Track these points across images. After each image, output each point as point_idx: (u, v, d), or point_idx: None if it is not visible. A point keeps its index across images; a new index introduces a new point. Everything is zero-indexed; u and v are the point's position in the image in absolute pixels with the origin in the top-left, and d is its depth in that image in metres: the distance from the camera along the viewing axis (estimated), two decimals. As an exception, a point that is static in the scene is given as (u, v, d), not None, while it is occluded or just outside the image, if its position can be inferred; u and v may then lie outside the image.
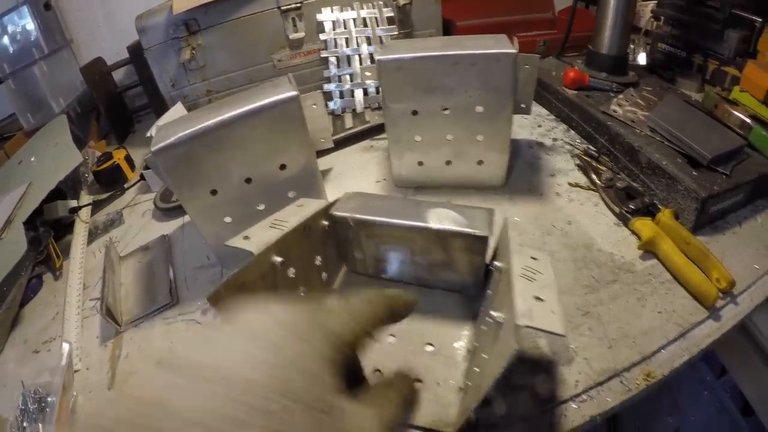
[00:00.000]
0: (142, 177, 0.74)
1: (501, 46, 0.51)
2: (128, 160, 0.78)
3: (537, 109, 0.80)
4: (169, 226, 0.67)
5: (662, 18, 0.95)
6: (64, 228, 0.71)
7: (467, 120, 0.55)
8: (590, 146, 0.70)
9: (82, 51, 0.93)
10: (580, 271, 0.51)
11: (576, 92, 0.74)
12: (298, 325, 0.20)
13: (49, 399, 0.46)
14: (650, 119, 0.65)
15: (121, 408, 0.16)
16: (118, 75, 0.91)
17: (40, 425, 0.45)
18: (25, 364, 0.53)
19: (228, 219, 0.52)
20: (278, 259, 0.38)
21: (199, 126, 0.46)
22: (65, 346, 0.52)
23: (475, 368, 0.39)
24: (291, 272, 0.41)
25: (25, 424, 0.45)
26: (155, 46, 0.73)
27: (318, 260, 0.46)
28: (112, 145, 0.87)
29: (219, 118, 0.46)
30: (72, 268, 0.64)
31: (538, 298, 0.30)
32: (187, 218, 0.67)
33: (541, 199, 0.60)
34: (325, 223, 0.46)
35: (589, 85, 0.74)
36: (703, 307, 0.47)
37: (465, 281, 0.46)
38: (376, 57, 0.52)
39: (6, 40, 0.83)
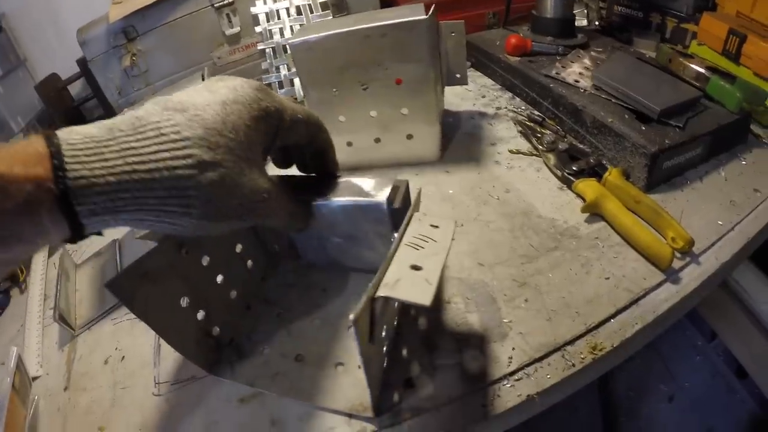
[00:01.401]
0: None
1: (413, 14, 0.48)
2: None
3: (482, 80, 0.77)
4: (121, 231, 0.66)
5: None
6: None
7: (388, 94, 0.52)
8: (534, 112, 0.66)
9: (38, 68, 0.93)
10: (517, 240, 0.47)
11: (519, 59, 0.71)
12: (244, 94, 0.29)
13: (-5, 404, 0.47)
14: (595, 77, 0.61)
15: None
16: (74, 89, 0.91)
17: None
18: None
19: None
20: (183, 250, 0.36)
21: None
22: (12, 350, 0.53)
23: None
24: (205, 260, 0.41)
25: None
26: (98, 56, 0.72)
27: (239, 248, 0.45)
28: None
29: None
30: (33, 280, 0.64)
31: (415, 267, 0.29)
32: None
33: (478, 168, 0.57)
34: None
35: (533, 50, 0.71)
36: (658, 269, 0.43)
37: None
38: (288, 42, 0.50)
39: None
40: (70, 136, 0.24)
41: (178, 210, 0.25)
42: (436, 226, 0.34)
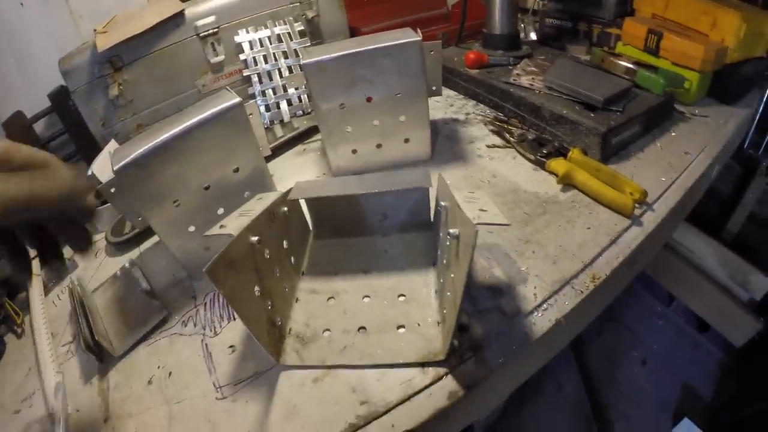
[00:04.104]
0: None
1: (407, 36, 0.62)
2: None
3: (447, 92, 0.93)
4: (126, 258, 0.70)
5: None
6: (14, 286, 0.74)
7: (389, 105, 0.65)
8: (498, 113, 0.83)
9: (0, 107, 0.96)
10: (512, 210, 0.62)
11: (478, 71, 0.88)
12: None
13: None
14: (546, 80, 0.79)
15: None
16: (39, 127, 0.95)
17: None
18: (10, 428, 0.52)
19: (192, 228, 0.58)
20: (255, 238, 0.44)
21: (156, 141, 0.52)
22: (55, 382, 0.53)
23: (447, 293, 0.45)
24: (266, 253, 0.48)
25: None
26: (82, 86, 0.78)
27: (285, 244, 0.53)
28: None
29: (173, 131, 0.52)
30: (36, 320, 0.65)
31: (482, 210, 0.40)
32: (144, 246, 0.71)
33: (465, 162, 0.72)
34: (285, 209, 0.54)
35: (489, 62, 0.88)
36: (624, 217, 0.59)
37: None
38: (301, 62, 0.61)
39: None
40: None
41: None
42: (473, 192, 0.47)
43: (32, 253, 0.42)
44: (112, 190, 0.55)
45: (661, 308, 1.28)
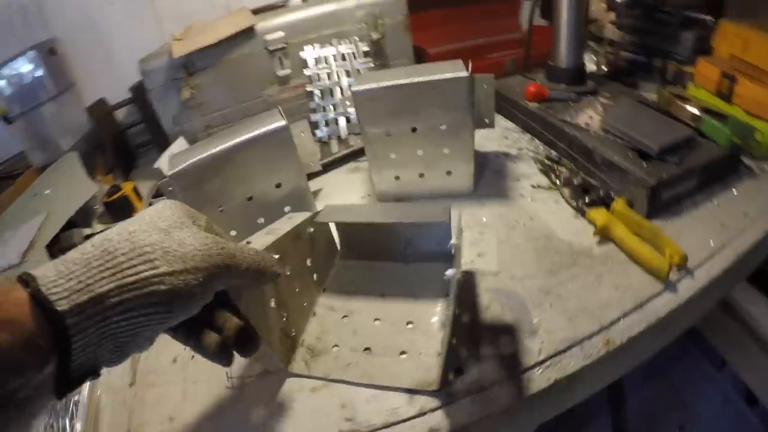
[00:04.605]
0: (149, 206, 0.88)
1: (456, 70, 0.63)
2: (135, 191, 0.91)
3: (504, 123, 0.93)
4: None
5: (622, 27, 1.12)
6: None
7: (433, 136, 0.67)
8: (552, 151, 0.82)
9: (86, 92, 1.07)
10: (541, 258, 0.61)
11: (538, 104, 0.87)
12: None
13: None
14: (604, 121, 0.76)
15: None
16: (120, 114, 1.07)
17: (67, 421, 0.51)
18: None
19: (233, 233, 0.63)
20: (276, 256, 0.48)
21: (207, 153, 0.59)
22: None
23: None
24: (287, 270, 0.52)
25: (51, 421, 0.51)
26: (157, 86, 0.86)
27: (308, 262, 0.57)
28: (117, 179, 1.01)
29: (223, 146, 0.59)
30: None
31: (480, 254, 0.44)
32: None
33: (506, 200, 0.72)
34: (311, 230, 0.58)
35: (549, 96, 0.87)
36: (658, 281, 0.56)
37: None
38: (351, 89, 0.64)
39: (15, 82, 0.96)
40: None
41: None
42: (482, 233, 0.49)
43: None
44: (170, 189, 0.61)
45: (712, 371, 1.20)
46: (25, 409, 0.27)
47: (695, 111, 0.75)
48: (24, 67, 0.97)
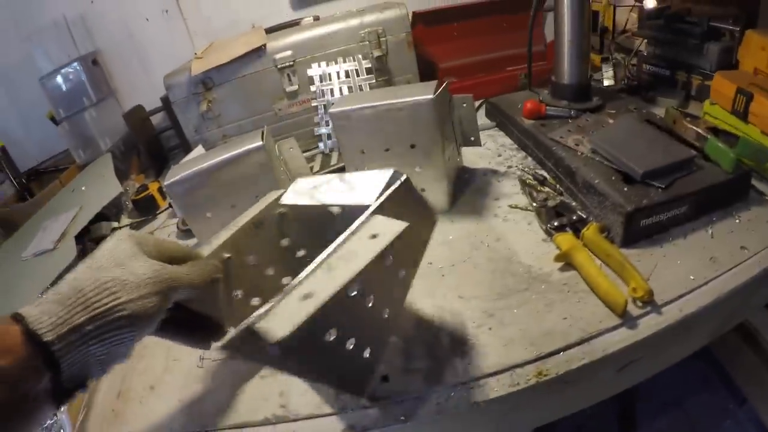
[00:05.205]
0: (170, 205, 1.00)
1: (425, 93, 0.66)
2: (160, 191, 1.02)
3: (503, 139, 0.94)
4: (190, 242, 0.86)
5: (646, 38, 1.07)
6: None
7: (405, 156, 0.70)
8: (540, 171, 0.81)
9: (125, 99, 1.22)
10: (495, 280, 0.62)
11: (533, 122, 0.87)
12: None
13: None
14: (592, 141, 0.74)
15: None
16: (155, 119, 1.20)
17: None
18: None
19: None
20: (227, 255, 0.53)
21: (196, 167, 0.67)
22: None
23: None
24: (251, 260, 0.56)
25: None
26: (180, 99, 0.96)
27: (284, 242, 0.59)
28: (149, 178, 1.14)
29: (209, 163, 0.67)
30: None
31: (306, 296, 0.37)
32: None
33: (478, 219, 0.73)
34: (282, 210, 0.58)
35: (547, 113, 0.87)
36: (616, 315, 0.53)
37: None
38: (329, 110, 0.71)
39: (61, 89, 1.11)
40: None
41: None
42: (375, 236, 0.41)
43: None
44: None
45: (733, 406, 1.14)
46: (31, 416, 0.35)
47: (699, 131, 0.71)
48: (70, 75, 1.12)
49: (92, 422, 0.57)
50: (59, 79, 1.11)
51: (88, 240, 0.92)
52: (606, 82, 1.05)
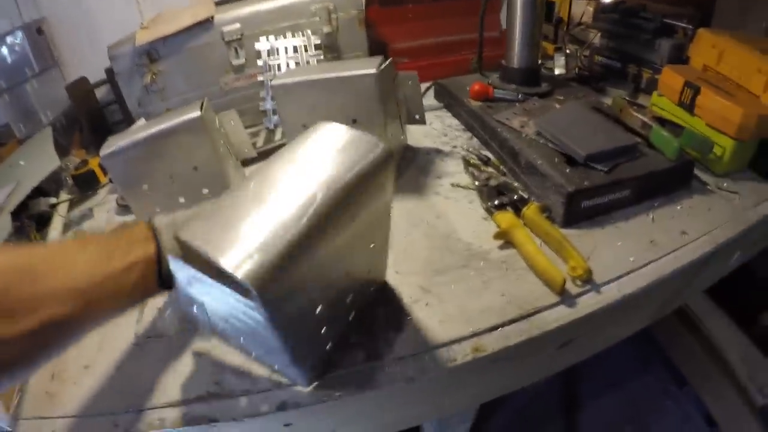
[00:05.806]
0: (110, 180, 0.98)
1: (368, 67, 0.66)
2: (101, 166, 1.01)
3: (450, 120, 0.96)
4: (127, 219, 0.86)
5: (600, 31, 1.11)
6: (45, 222, 0.90)
7: None
8: (485, 151, 0.83)
9: (70, 71, 1.16)
10: (433, 256, 0.62)
11: (481, 103, 0.89)
12: None
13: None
14: (537, 124, 0.76)
15: None
16: (100, 92, 1.15)
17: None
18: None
19: (158, 209, 0.67)
20: None
21: (132, 138, 0.65)
22: None
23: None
24: None
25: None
26: (124, 71, 0.94)
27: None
28: (91, 153, 1.11)
29: (145, 133, 0.65)
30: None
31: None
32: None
33: (419, 197, 0.74)
34: None
35: (494, 96, 0.89)
36: (554, 293, 0.55)
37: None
38: (272, 83, 0.70)
39: (3, 59, 1.05)
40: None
41: None
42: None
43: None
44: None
45: (674, 388, 1.20)
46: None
47: (644, 119, 0.74)
48: (11, 44, 1.07)
49: (26, 407, 0.54)
50: (1, 49, 1.07)
51: (25, 217, 0.89)
52: (557, 71, 1.07)
